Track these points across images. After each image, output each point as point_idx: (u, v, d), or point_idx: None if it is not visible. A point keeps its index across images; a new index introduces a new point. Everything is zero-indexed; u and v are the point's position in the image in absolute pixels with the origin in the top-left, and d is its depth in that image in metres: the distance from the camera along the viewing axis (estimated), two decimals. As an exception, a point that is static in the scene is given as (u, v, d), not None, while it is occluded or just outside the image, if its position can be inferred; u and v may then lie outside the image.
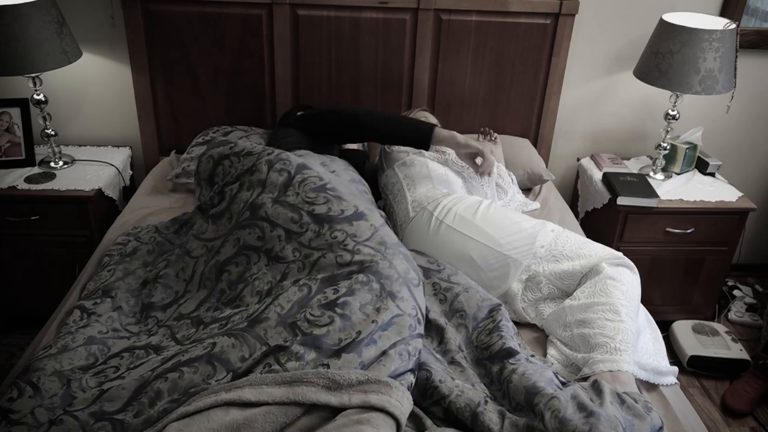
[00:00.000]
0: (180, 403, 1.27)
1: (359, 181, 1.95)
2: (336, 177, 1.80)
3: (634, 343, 1.57)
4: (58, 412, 1.30)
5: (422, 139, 1.98)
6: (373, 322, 1.36)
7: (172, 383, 1.31)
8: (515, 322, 1.70)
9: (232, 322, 1.46)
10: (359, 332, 1.34)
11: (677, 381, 1.60)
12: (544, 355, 1.64)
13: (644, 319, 1.76)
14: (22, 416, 1.29)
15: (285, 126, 2.16)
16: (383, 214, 1.77)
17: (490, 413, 1.32)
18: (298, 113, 2.32)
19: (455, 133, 2.00)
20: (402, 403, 1.23)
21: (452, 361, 1.52)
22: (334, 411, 1.21)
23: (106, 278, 1.74)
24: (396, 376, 1.32)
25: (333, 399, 1.19)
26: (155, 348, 1.50)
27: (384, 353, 1.34)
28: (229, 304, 1.58)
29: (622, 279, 1.70)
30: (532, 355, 1.56)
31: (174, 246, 1.90)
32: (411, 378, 1.35)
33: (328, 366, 1.30)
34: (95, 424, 1.26)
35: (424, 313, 1.49)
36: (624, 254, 2.45)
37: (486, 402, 1.35)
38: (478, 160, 2.04)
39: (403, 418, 1.22)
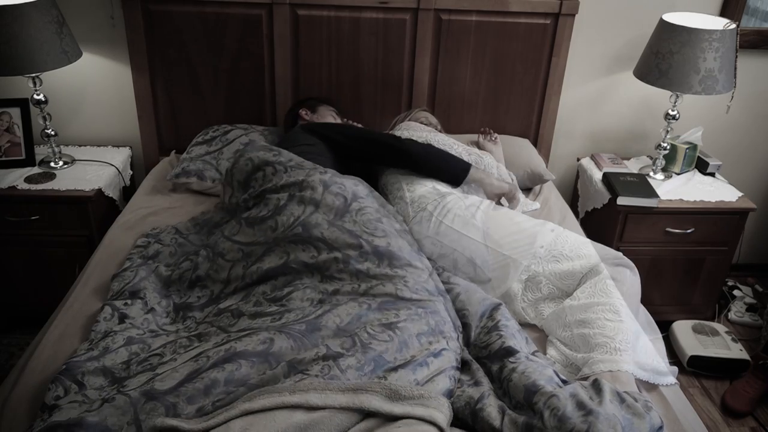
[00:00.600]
0: (235, 396, 1.31)
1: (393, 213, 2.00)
2: (385, 209, 1.87)
3: (634, 343, 1.57)
4: (111, 392, 1.32)
5: (457, 176, 2.07)
6: (426, 350, 1.45)
7: (228, 374, 1.33)
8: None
9: (286, 319, 1.51)
10: (413, 356, 1.43)
11: (677, 381, 1.60)
12: (545, 354, 1.64)
13: (644, 320, 1.76)
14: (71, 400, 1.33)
15: (307, 131, 2.16)
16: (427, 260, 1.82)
17: (490, 408, 1.33)
18: (300, 114, 2.34)
19: (490, 173, 2.09)
20: (447, 418, 1.30)
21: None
22: (388, 417, 1.27)
23: (130, 278, 1.76)
24: (450, 395, 1.40)
25: (396, 409, 1.26)
26: (198, 336, 1.55)
27: (435, 374, 1.41)
28: (274, 301, 1.61)
29: (622, 279, 1.70)
30: (535, 352, 1.56)
31: (194, 246, 1.93)
32: (451, 398, 1.43)
33: (385, 378, 1.36)
34: (147, 404, 1.27)
35: (460, 352, 1.55)
36: (624, 254, 2.47)
37: (485, 396, 1.35)
38: (504, 201, 2.12)
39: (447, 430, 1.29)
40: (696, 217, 2.44)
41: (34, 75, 2.29)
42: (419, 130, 2.25)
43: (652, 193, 2.40)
